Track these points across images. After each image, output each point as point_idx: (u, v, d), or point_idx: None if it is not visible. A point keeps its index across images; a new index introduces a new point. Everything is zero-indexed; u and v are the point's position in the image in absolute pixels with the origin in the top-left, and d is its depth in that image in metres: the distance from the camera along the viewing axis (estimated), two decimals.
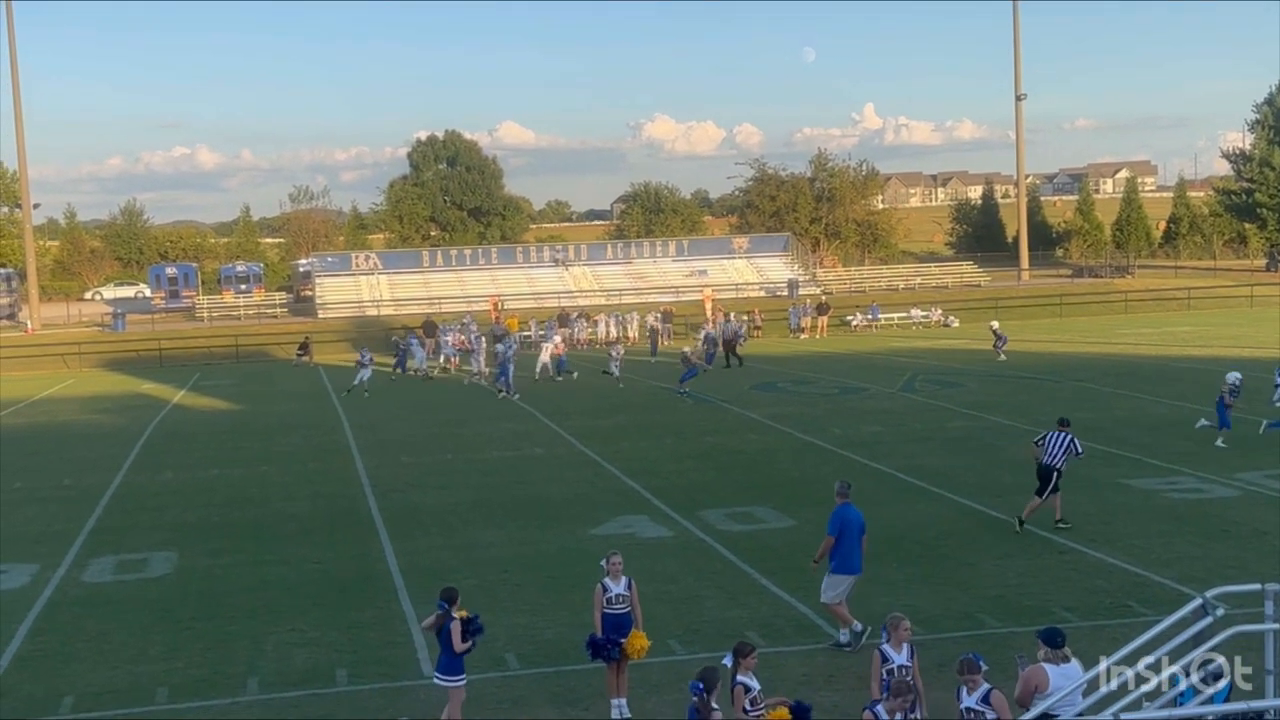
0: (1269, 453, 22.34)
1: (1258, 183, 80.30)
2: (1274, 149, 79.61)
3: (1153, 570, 14.98)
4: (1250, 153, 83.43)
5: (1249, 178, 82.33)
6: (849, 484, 13.45)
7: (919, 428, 27.31)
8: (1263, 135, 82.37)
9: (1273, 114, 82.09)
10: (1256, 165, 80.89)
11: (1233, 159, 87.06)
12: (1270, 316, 56.35)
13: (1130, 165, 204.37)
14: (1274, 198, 79.31)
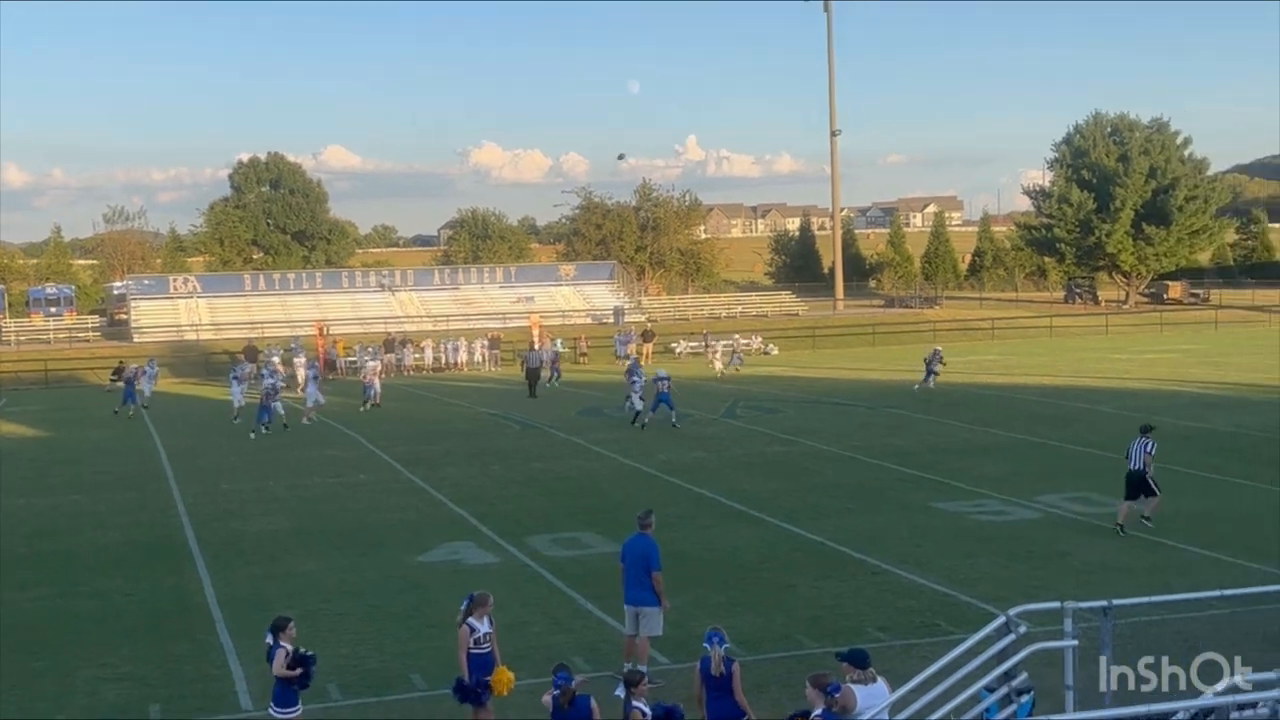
0: (1068, 477, 23.30)
1: (1056, 219, 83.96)
2: (1071, 186, 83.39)
3: (960, 590, 15.46)
4: (1049, 190, 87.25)
5: (1048, 214, 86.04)
6: (648, 513, 13.35)
7: (740, 453, 27.72)
8: (1061, 173, 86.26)
9: (1070, 153, 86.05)
10: (1055, 202, 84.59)
11: (1033, 196, 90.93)
12: (1068, 346, 59.04)
13: (938, 200, 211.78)
14: (1071, 233, 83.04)
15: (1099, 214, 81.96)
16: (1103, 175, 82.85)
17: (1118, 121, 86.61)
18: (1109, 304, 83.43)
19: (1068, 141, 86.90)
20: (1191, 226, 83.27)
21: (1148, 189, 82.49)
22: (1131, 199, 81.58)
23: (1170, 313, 76.44)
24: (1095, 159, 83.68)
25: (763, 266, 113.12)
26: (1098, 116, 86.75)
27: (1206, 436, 27.73)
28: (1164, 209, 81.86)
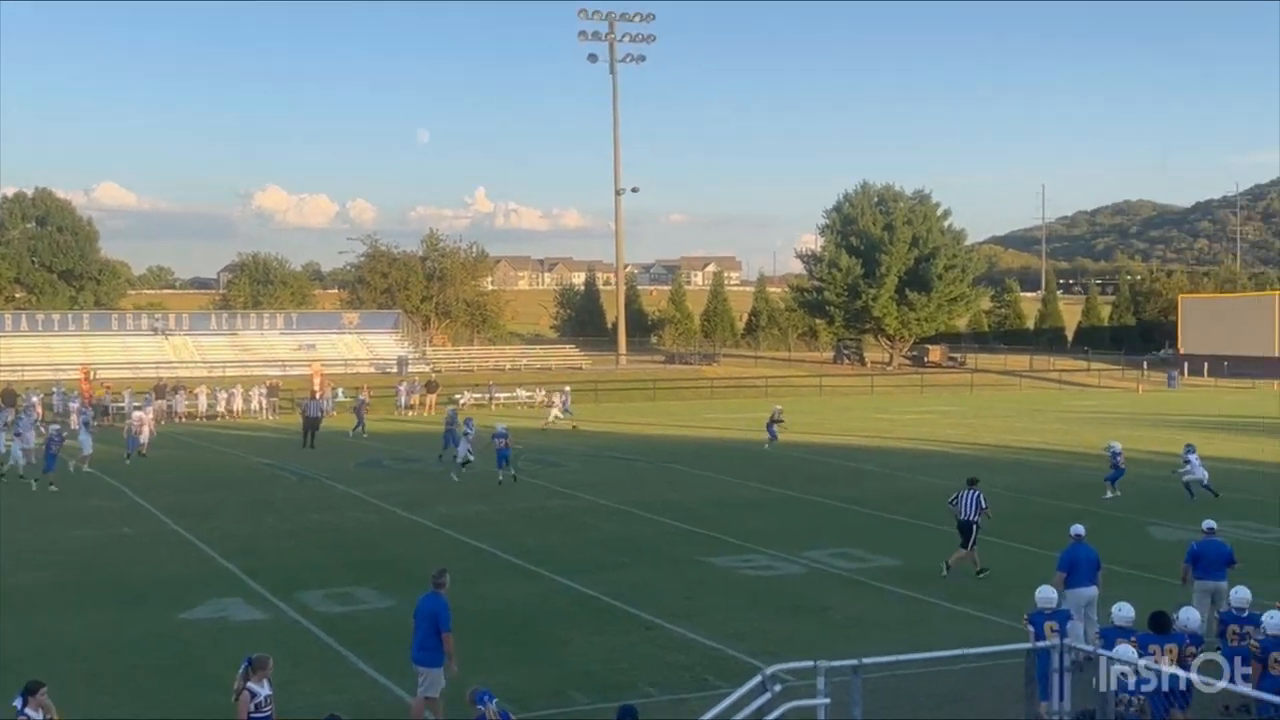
0: (832, 533, 24.04)
1: (827, 282, 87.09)
2: (841, 252, 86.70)
3: (729, 644, 15.74)
4: (821, 254, 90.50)
5: (819, 277, 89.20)
6: (442, 571, 13.21)
7: (520, 506, 27.64)
8: (831, 239, 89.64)
9: (840, 220, 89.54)
10: (826, 266, 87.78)
11: (806, 259, 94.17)
12: (836, 405, 61.06)
13: (718, 260, 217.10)
14: (840, 296, 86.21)
15: (866, 279, 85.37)
16: (870, 242, 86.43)
17: (884, 192, 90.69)
18: (874, 365, 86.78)
19: (838, 209, 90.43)
20: (950, 294, 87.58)
21: (911, 257, 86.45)
22: (896, 266, 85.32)
23: (930, 375, 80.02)
24: (863, 227, 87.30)
25: (548, 319, 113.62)
26: (866, 186, 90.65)
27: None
28: (925, 276, 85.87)
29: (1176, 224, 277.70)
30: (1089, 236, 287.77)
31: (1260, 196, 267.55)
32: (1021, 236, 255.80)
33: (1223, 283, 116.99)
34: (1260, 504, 26.94)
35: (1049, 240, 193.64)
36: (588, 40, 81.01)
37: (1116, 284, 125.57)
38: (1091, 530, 17.05)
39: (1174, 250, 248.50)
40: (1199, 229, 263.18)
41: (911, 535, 23.79)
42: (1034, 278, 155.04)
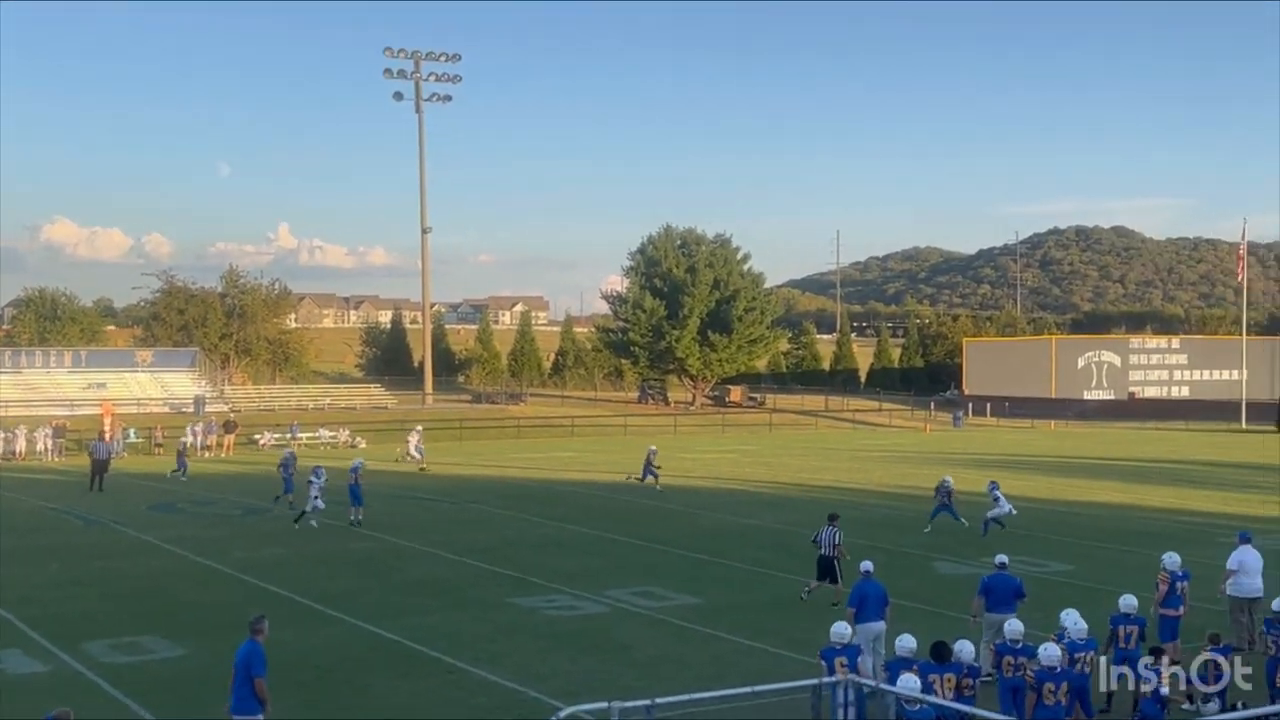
0: (634, 571, 24.21)
1: (632, 323, 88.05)
2: (645, 294, 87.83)
3: (531, 686, 15.67)
4: (626, 295, 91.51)
5: (624, 318, 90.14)
6: (260, 618, 12.88)
7: (320, 549, 26.99)
8: (636, 281, 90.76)
9: (644, 262, 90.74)
10: (630, 307, 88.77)
11: (611, 300, 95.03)
12: (641, 445, 61.50)
13: (526, 299, 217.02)
14: (645, 337, 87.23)
15: (669, 320, 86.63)
16: (673, 284, 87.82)
17: (686, 235, 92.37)
18: (678, 405, 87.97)
19: (642, 251, 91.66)
20: (750, 335, 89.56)
21: (712, 299, 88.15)
22: (698, 307, 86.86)
23: (731, 414, 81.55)
24: (667, 269, 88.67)
25: (354, 358, 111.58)
26: (669, 229, 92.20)
27: (758, 532, 29.60)
28: (726, 318, 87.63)
29: (962, 270, 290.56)
30: (880, 281, 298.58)
31: (1038, 245, 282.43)
32: (817, 280, 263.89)
33: (1004, 327, 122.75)
34: (1038, 539, 28.25)
35: (843, 284, 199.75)
36: (393, 78, 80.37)
37: (906, 327, 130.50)
38: (880, 566, 17.62)
39: (959, 295, 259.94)
40: (982, 275, 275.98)
41: (712, 573, 24.13)
42: (829, 320, 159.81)
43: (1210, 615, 17.20)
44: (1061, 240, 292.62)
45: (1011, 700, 12.60)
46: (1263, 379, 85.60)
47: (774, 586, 22.82)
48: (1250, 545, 17.74)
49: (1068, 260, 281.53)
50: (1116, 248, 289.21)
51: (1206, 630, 14.37)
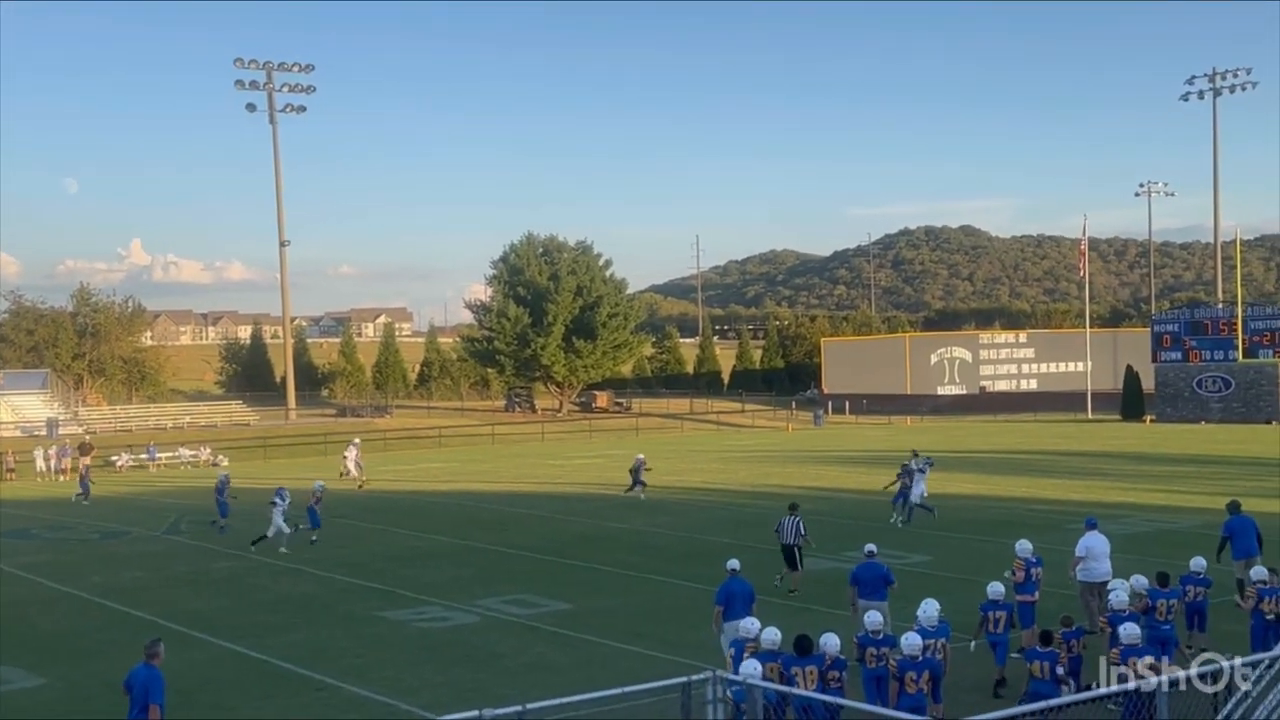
0: (505, 580, 24.07)
1: (496, 332, 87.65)
2: (509, 302, 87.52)
3: (402, 699, 15.47)
4: (490, 304, 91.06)
5: (489, 327, 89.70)
6: (155, 641, 12.52)
7: (183, 570, 26.29)
8: (499, 289, 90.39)
9: (507, 270, 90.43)
10: (495, 316, 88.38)
11: (475, 310, 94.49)
12: (509, 453, 61.33)
13: (389, 311, 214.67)
14: (510, 345, 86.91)
15: (534, 328, 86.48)
16: (537, 292, 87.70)
17: (548, 243, 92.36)
18: (545, 412, 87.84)
19: (505, 260, 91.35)
20: (614, 341, 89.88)
21: (576, 305, 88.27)
22: (562, 314, 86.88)
23: (598, 420, 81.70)
24: (530, 277, 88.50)
25: (213, 375, 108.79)
26: (530, 237, 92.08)
27: (627, 536, 29.69)
28: (591, 324, 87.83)
29: (818, 272, 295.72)
30: (740, 284, 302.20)
31: (890, 246, 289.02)
32: (679, 285, 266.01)
33: (859, 326, 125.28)
34: (898, 531, 28.87)
35: (704, 288, 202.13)
36: (245, 89, 78.69)
37: (766, 329, 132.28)
38: (747, 564, 17.82)
39: (816, 296, 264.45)
40: (838, 276, 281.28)
41: (583, 578, 24.12)
42: (692, 324, 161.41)
43: (1063, 599, 17.79)
44: (912, 240, 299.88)
45: (875, 690, 12.86)
46: (1105, 370, 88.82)
47: (644, 589, 22.91)
48: (1098, 531, 18.38)
49: (919, 260, 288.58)
50: (965, 246, 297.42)
51: (1060, 614, 14.88)
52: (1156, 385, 75.95)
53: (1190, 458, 47.20)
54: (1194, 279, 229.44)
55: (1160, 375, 75.36)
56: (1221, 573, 18.16)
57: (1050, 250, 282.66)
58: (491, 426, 74.52)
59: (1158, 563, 17.91)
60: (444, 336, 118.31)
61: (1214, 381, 72.50)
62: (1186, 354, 73.64)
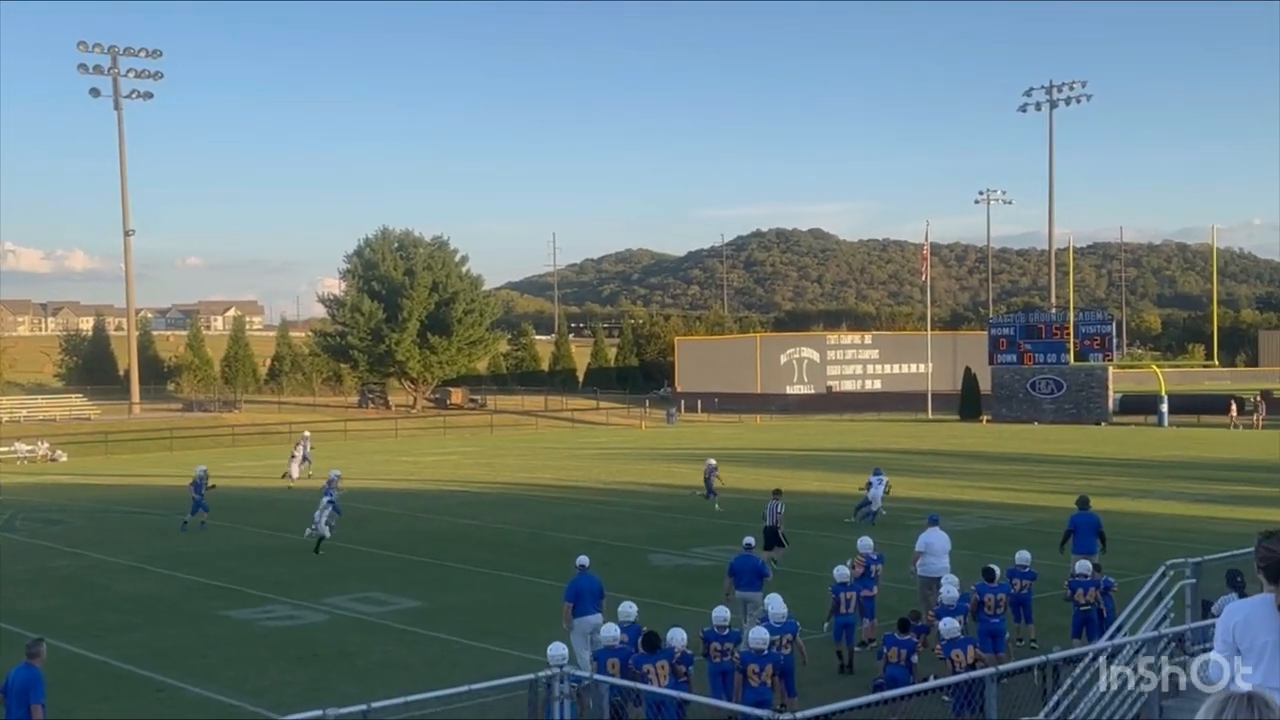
0: (355, 578, 23.72)
1: (350, 327, 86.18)
2: (363, 297, 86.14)
3: (246, 700, 15.14)
4: (343, 299, 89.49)
5: (343, 322, 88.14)
6: (38, 641, 12.06)
7: (18, 570, 25.24)
8: (354, 283, 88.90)
9: (362, 264, 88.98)
10: (349, 311, 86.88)
11: (328, 304, 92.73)
12: (361, 449, 60.39)
13: (239, 304, 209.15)
14: (364, 341, 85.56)
15: (389, 323, 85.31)
16: (391, 287, 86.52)
17: (404, 237, 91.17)
18: (399, 409, 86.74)
19: (359, 254, 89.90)
20: (470, 337, 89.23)
21: (431, 301, 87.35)
22: (417, 310, 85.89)
23: (453, 417, 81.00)
24: (384, 271, 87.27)
25: (52, 368, 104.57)
26: (386, 232, 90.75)
27: (478, 533, 29.51)
28: (446, 320, 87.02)
29: (672, 271, 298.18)
30: (596, 283, 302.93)
31: (742, 248, 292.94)
32: (536, 282, 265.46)
33: (712, 326, 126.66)
34: (748, 529, 29.24)
35: (560, 286, 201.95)
36: (89, 74, 75.88)
37: (621, 327, 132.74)
38: (597, 560, 17.90)
39: (671, 296, 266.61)
40: (691, 276, 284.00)
41: (434, 576, 23.92)
42: (548, 322, 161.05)
43: (903, 594, 18.29)
44: (764, 242, 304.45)
45: (720, 684, 13.05)
46: (945, 371, 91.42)
47: (496, 586, 22.82)
48: (938, 528, 18.94)
49: (770, 261, 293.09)
50: (814, 249, 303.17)
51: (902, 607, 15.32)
52: (993, 386, 78.43)
53: (1023, 457, 48.93)
54: (1030, 284, 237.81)
55: (996, 377, 77.87)
56: (1050, 567, 18.89)
57: (895, 254, 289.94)
58: (344, 423, 73.28)
59: (991, 558, 18.52)
60: (296, 331, 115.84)
61: (1047, 383, 75.22)
62: (1021, 357, 76.20)
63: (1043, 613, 17.28)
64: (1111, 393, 74.40)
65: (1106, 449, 52.51)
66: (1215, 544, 19.84)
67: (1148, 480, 39.18)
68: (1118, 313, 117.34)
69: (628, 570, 22.85)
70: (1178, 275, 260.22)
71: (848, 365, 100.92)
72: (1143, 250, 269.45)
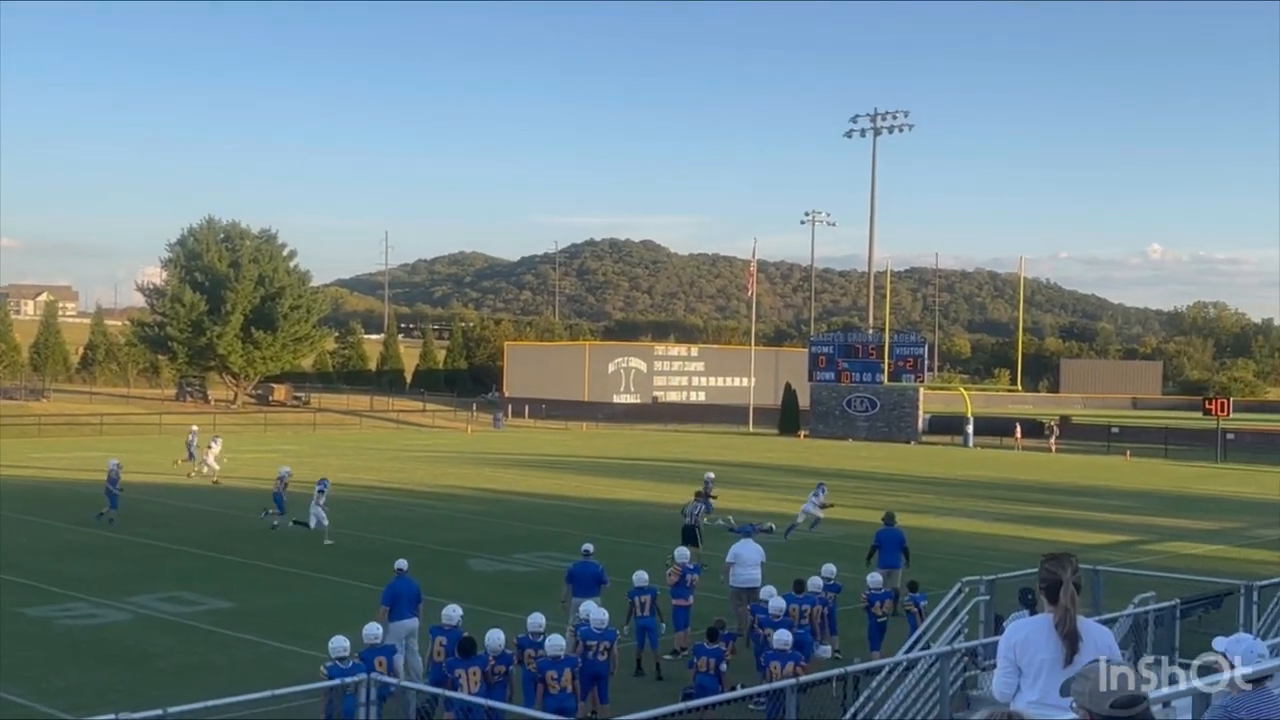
0: (163, 577, 22.93)
1: (170, 317, 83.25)
2: (185, 287, 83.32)
3: (40, 701, 14.48)
4: (164, 288, 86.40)
5: (162, 312, 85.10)
6: None
7: None
8: (175, 273, 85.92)
9: (185, 254, 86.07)
10: (169, 301, 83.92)
11: (148, 293, 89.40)
12: (177, 444, 58.31)
13: (52, 289, 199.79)
14: (184, 332, 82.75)
15: (211, 316, 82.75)
16: (215, 279, 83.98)
17: (230, 229, 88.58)
18: (219, 403, 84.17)
19: (183, 243, 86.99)
20: (296, 333, 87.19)
21: (257, 295, 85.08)
22: (242, 303, 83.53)
23: (275, 413, 78.99)
24: (208, 262, 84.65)
25: None
26: (212, 222, 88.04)
27: (294, 533, 28.76)
28: (271, 315, 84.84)
29: (505, 276, 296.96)
30: (428, 284, 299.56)
31: (576, 255, 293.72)
32: (366, 281, 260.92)
33: (543, 332, 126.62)
34: (571, 536, 29.33)
35: (392, 285, 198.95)
36: None
37: (451, 330, 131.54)
38: (417, 564, 17.70)
39: (503, 300, 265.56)
40: (524, 282, 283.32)
41: (247, 576, 23.28)
42: (377, 321, 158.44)
43: (716, 604, 18.59)
44: (597, 251, 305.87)
45: (534, 690, 13.07)
46: (767, 386, 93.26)
47: (310, 588, 22.36)
48: (750, 539, 19.30)
49: (602, 270, 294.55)
50: (646, 260, 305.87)
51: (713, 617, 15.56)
52: (811, 403, 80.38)
53: (837, 472, 50.18)
54: (850, 304, 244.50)
55: (815, 393, 79.80)
56: (854, 580, 19.45)
57: (724, 269, 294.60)
58: (159, 416, 70.74)
59: (802, 570, 18.97)
60: (112, 319, 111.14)
61: (862, 401, 77.43)
62: (839, 374, 78.28)
63: (844, 624, 17.78)
64: (921, 413, 76.99)
65: (915, 467, 54.34)
66: (1011, 562, 20.76)
67: (951, 498, 40.69)
68: (930, 336, 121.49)
69: (447, 575, 22.64)
70: (988, 302, 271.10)
71: (674, 376, 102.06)
72: (956, 277, 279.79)
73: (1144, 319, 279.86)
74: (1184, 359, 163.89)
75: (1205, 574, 20.34)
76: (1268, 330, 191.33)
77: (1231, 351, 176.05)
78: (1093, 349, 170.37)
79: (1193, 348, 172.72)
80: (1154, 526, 32.34)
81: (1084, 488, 45.61)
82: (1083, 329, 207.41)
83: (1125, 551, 28.44)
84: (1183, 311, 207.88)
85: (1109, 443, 71.05)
